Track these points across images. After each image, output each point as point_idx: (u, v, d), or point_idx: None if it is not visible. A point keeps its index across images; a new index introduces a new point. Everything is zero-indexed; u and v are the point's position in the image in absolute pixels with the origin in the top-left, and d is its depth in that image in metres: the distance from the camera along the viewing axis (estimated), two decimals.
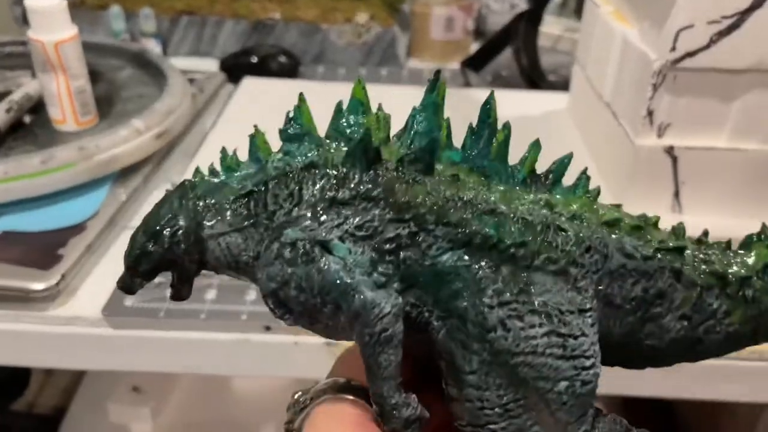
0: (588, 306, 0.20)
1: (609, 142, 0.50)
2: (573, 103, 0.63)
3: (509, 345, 0.19)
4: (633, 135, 0.45)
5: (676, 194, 0.46)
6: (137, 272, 0.21)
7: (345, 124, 0.21)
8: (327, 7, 0.95)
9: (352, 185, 0.20)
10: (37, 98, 0.60)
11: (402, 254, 0.20)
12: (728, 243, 0.23)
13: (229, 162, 0.22)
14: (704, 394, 0.45)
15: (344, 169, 0.20)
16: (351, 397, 0.20)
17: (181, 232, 0.21)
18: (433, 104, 0.21)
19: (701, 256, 0.22)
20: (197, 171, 0.22)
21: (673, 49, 0.41)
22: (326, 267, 0.19)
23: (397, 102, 0.26)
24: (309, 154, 0.21)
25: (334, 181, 0.20)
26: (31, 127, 0.59)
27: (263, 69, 0.84)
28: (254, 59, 0.84)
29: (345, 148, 0.21)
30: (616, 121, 0.49)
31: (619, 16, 0.52)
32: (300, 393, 0.21)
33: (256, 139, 0.21)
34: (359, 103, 0.21)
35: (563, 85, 0.87)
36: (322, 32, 0.92)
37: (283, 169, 0.21)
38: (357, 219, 0.20)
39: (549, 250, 0.20)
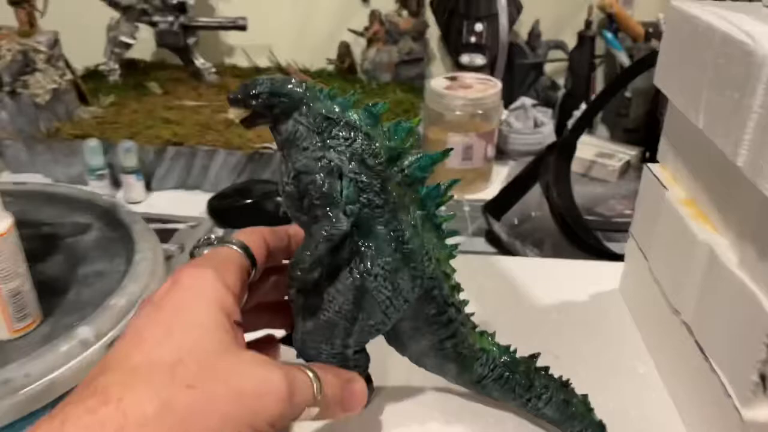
0: None
1: (690, 375, 0.38)
2: (629, 293, 0.51)
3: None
4: (738, 400, 0.33)
5: None
6: (244, 100, 0.32)
7: (391, 131, 0.33)
8: None
9: (376, 163, 0.33)
10: None
11: (364, 211, 0.33)
12: None
13: (332, 92, 0.33)
14: None
15: (381, 154, 0.33)
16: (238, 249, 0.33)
17: (287, 101, 0.32)
18: (434, 161, 0.34)
19: None
20: (314, 83, 0.33)
21: None
22: (333, 184, 0.32)
23: None
24: (372, 131, 0.33)
25: (370, 153, 0.33)
26: None
27: (258, 210, 0.74)
28: (248, 201, 0.74)
29: (393, 142, 0.33)
30: (707, 361, 0.36)
31: (698, 213, 0.40)
32: (213, 237, 0.35)
33: (353, 97, 0.33)
34: (410, 129, 0.34)
35: (602, 225, 0.76)
36: None
37: (354, 122, 0.33)
38: (364, 177, 0.32)
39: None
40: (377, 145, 0.33)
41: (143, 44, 1.06)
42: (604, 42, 0.98)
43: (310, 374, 0.30)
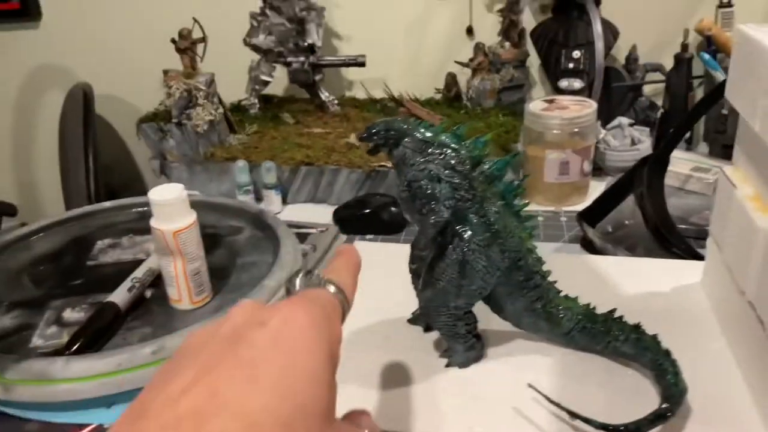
0: None
1: (754, 347, 0.44)
2: (708, 284, 0.57)
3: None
4: None
5: None
6: (368, 138, 0.46)
7: (473, 144, 0.46)
8: None
9: (464, 169, 0.45)
10: (158, 271, 0.63)
11: (459, 204, 0.45)
12: None
13: (425, 124, 0.46)
14: None
15: (467, 161, 0.45)
16: (337, 293, 0.30)
17: (397, 134, 0.46)
18: (507, 163, 0.47)
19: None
20: (413, 121, 0.47)
21: None
22: (435, 187, 0.44)
23: None
24: (457, 146, 0.45)
25: (458, 161, 0.45)
26: (150, 303, 0.62)
27: (375, 219, 0.85)
28: (367, 210, 0.85)
29: (474, 152, 0.45)
30: (764, 331, 0.42)
31: (762, 206, 0.46)
32: (316, 273, 0.32)
33: (442, 126, 0.46)
34: (486, 142, 0.46)
35: (696, 233, 0.79)
36: None
37: (444, 142, 0.45)
38: (456, 179, 0.44)
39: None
40: (463, 155, 0.45)
41: (275, 82, 1.22)
42: (702, 63, 1.02)
43: None
